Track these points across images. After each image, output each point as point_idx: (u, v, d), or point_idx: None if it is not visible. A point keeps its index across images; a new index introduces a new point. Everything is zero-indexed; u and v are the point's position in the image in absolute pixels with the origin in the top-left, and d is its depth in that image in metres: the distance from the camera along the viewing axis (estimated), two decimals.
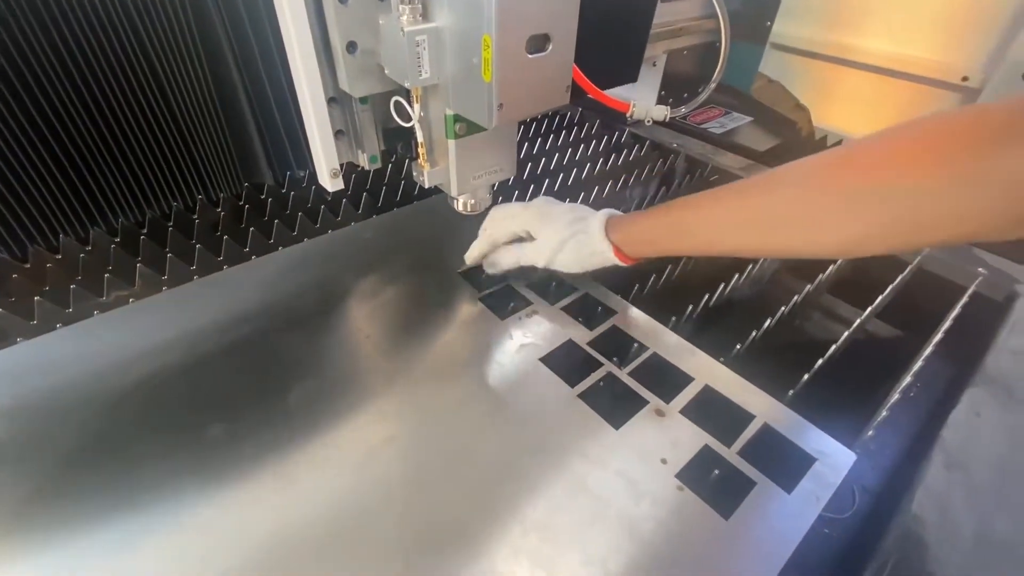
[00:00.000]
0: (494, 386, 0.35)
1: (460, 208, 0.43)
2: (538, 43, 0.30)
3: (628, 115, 0.40)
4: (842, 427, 0.35)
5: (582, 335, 0.39)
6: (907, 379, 0.39)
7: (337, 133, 0.41)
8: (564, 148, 0.69)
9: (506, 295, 0.43)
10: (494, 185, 0.44)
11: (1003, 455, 0.35)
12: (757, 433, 0.32)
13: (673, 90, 0.77)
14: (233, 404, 0.33)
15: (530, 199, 0.44)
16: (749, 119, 0.81)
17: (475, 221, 0.45)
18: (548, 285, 0.44)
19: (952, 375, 0.42)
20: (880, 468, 0.34)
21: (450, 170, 0.38)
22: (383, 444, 0.31)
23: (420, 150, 0.38)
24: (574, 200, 0.57)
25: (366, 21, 0.34)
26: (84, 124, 0.42)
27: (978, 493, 0.32)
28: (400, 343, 0.38)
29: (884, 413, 0.36)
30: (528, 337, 0.39)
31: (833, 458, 0.31)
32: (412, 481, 0.29)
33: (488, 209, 0.44)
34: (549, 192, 0.60)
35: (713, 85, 0.45)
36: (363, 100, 0.39)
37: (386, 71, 0.35)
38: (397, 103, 0.38)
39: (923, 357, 0.41)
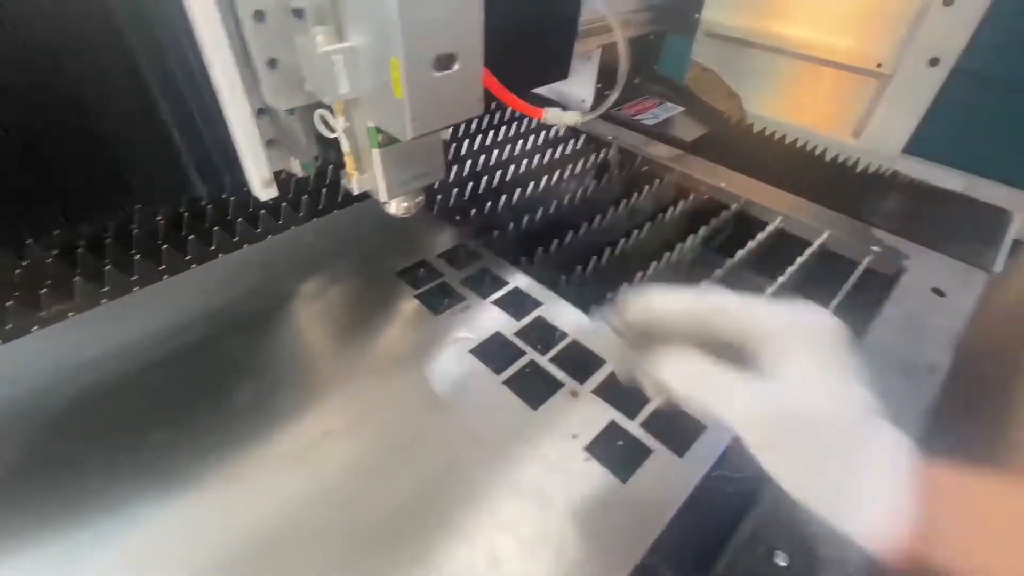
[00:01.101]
0: (429, 379, 0.38)
1: (393, 211, 0.45)
2: (444, 62, 0.33)
3: (541, 120, 0.42)
4: None
5: (510, 326, 0.42)
6: None
7: (269, 142, 0.42)
8: (503, 144, 0.71)
9: (441, 292, 0.45)
10: (435, 185, 0.46)
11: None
12: (658, 406, 0.36)
13: (611, 83, 0.80)
14: (177, 411, 0.35)
15: (482, 198, 0.45)
16: (681, 109, 0.85)
17: (412, 220, 0.48)
18: (481, 279, 0.47)
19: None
20: None
21: (377, 177, 0.40)
22: (324, 441, 0.34)
23: (346, 159, 0.40)
24: (508, 195, 0.60)
25: (285, 38, 0.36)
26: (3, 140, 0.42)
27: None
28: (340, 343, 0.41)
29: None
30: (460, 331, 0.42)
31: (722, 424, 0.35)
32: (353, 475, 0.32)
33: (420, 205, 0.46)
34: (487, 189, 0.63)
35: (616, 94, 0.49)
36: (291, 110, 0.41)
37: (306, 86, 0.37)
38: (321, 116, 0.39)
39: None
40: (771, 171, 0.68)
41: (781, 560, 0.31)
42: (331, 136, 0.39)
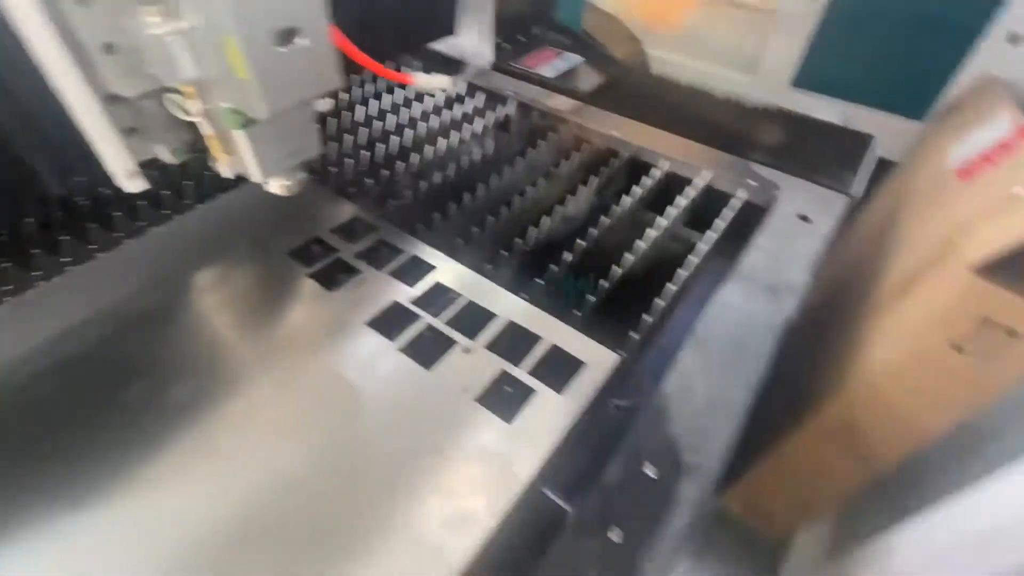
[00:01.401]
0: (326, 357, 0.39)
1: (276, 191, 0.45)
2: (285, 36, 0.32)
3: (412, 87, 0.42)
4: (619, 333, 0.44)
5: (406, 294, 0.44)
6: (674, 286, 0.48)
7: (129, 131, 0.40)
8: (399, 107, 0.70)
9: (335, 267, 0.46)
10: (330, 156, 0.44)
11: (738, 335, 0.45)
12: (543, 352, 0.39)
13: (511, 34, 0.80)
14: (67, 423, 0.35)
15: (379, 167, 0.44)
16: (581, 59, 0.85)
17: (305, 197, 0.46)
18: (377, 251, 0.48)
19: (718, 275, 0.52)
20: (647, 362, 0.43)
21: (246, 159, 0.40)
22: (227, 434, 0.35)
23: (211, 143, 0.39)
24: (406, 162, 0.60)
25: (118, 21, 0.34)
26: None
27: (714, 366, 0.42)
28: (234, 333, 0.41)
29: (649, 318, 0.45)
30: (356, 305, 0.43)
31: (599, 360, 0.39)
32: (260, 461, 0.33)
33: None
34: (385, 157, 0.62)
35: (488, 60, 0.49)
36: (144, 95, 0.39)
37: (149, 70, 0.35)
38: (174, 100, 0.38)
39: (691, 266, 0.51)
40: (664, 115, 0.71)
41: (650, 472, 0.35)
42: (188, 120, 0.38)
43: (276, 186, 0.45)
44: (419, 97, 0.73)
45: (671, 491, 0.34)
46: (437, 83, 0.42)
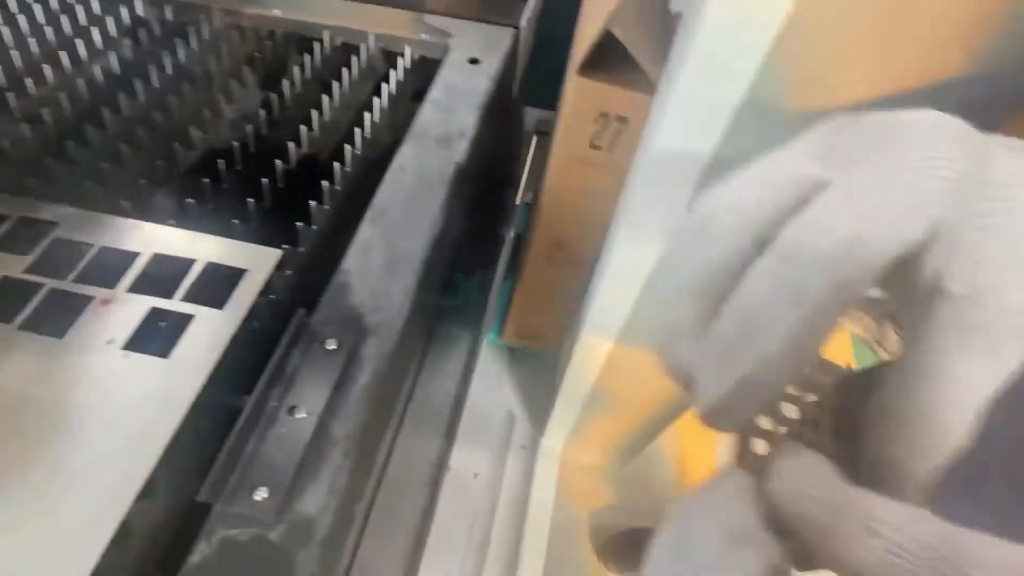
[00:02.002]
0: None
1: None
2: None
3: None
4: (290, 227, 0.43)
5: (17, 265, 0.37)
6: (345, 166, 0.47)
7: None
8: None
9: None
10: None
11: (414, 193, 0.46)
12: (199, 274, 0.37)
13: None
14: None
15: None
16: None
17: None
18: None
19: (395, 140, 0.51)
20: (322, 249, 0.43)
21: None
22: None
23: None
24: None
25: None
26: None
27: (392, 230, 0.43)
28: None
29: (320, 204, 0.44)
30: None
31: (261, 261, 0.38)
32: None
33: None
34: None
35: None
36: None
37: None
38: None
39: (363, 134, 0.50)
40: None
41: (331, 345, 0.36)
42: None
43: None
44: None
45: (354, 355, 0.36)
46: None
